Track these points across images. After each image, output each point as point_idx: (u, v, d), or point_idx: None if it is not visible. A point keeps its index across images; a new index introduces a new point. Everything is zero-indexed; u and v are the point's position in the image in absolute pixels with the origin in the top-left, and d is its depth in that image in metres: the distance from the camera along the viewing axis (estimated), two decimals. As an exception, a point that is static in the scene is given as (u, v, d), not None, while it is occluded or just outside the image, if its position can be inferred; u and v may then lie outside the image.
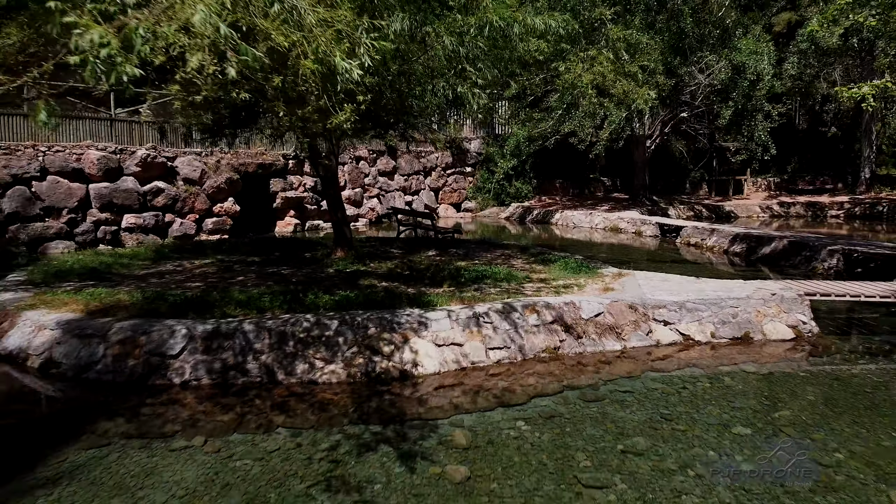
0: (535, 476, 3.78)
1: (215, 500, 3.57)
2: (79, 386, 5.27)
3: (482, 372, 5.59)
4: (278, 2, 2.90)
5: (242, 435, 4.41)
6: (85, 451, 4.18)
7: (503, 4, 5.67)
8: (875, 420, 4.73)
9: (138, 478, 3.83)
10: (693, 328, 6.45)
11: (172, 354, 5.24)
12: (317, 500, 3.53)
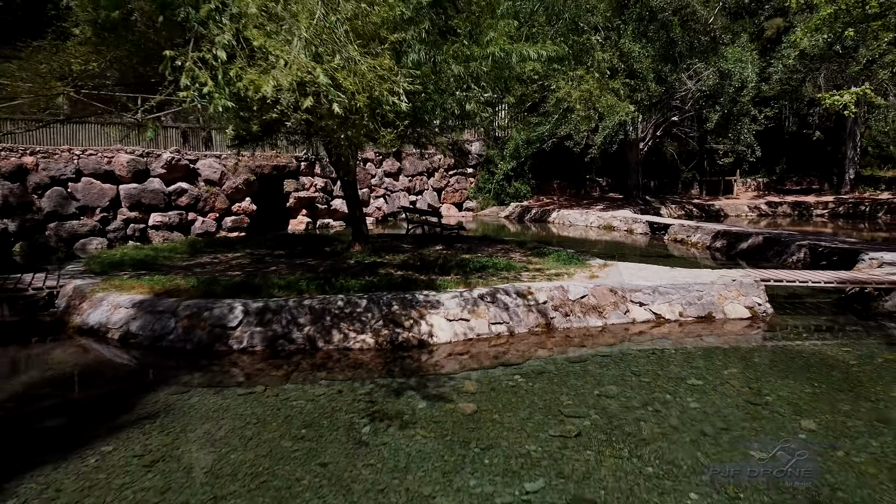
0: (527, 410, 4.92)
1: (281, 425, 4.71)
2: (154, 353, 6.41)
3: (485, 342, 6.74)
4: (339, 55, 4.03)
5: (294, 385, 5.56)
6: (172, 396, 5.31)
7: (504, 35, 6.83)
8: (804, 376, 5.87)
9: (218, 411, 4.97)
10: (664, 308, 7.60)
11: (232, 326, 6.38)
12: (359, 426, 4.67)
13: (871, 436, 4.56)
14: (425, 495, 3.66)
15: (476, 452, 4.20)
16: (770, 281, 8.01)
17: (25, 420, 5.02)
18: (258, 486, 3.81)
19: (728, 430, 4.62)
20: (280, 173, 18.79)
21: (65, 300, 7.51)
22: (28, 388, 5.64)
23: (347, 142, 6.06)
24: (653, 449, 4.28)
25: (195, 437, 4.52)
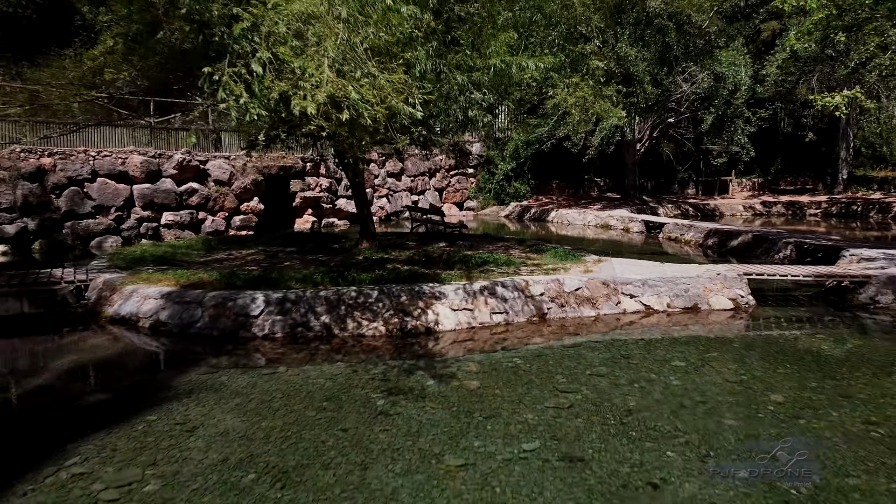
0: (525, 387, 5.49)
1: (304, 399, 5.27)
2: (183, 339, 6.97)
3: (487, 330, 7.30)
4: (361, 70, 4.59)
5: (313, 366, 6.12)
6: (203, 376, 5.87)
7: (504, 46, 7.39)
8: (778, 359, 6.43)
9: (246, 388, 5.53)
10: (653, 300, 8.16)
11: (254, 315, 6.95)
12: (374, 399, 5.22)
13: (832, 407, 5.12)
14: (435, 453, 4.23)
15: (479, 420, 4.76)
16: (752, 275, 8.58)
17: (75, 396, 5.59)
18: (288, 446, 4.37)
19: (705, 403, 5.19)
20: (286, 174, 19.35)
21: (95, 292, 8.07)
22: (72, 369, 6.21)
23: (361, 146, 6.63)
24: (636, 417, 4.84)
25: (228, 408, 5.08)
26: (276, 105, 4.76)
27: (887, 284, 8.36)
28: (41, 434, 4.76)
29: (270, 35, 4.95)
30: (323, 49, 4.75)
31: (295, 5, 4.92)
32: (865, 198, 26.21)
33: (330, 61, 4.55)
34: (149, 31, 7.19)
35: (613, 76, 20.12)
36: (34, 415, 5.21)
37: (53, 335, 7.33)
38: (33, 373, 6.17)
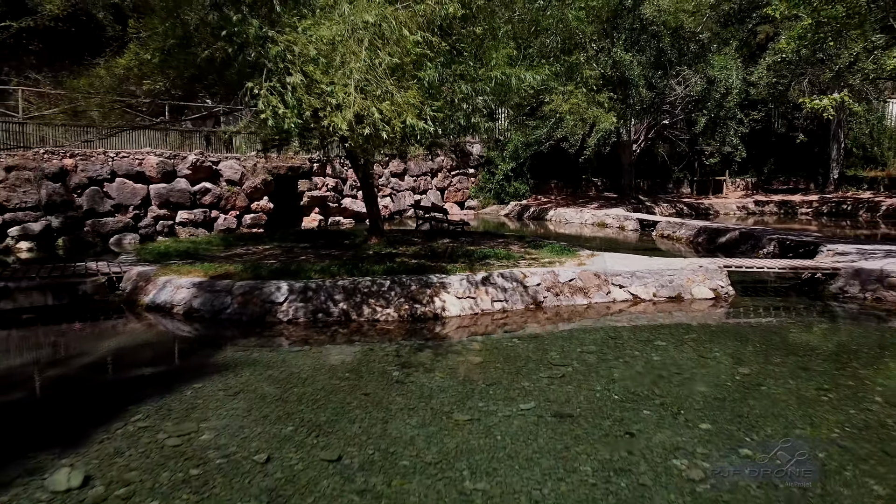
0: (522, 361, 6.25)
1: (328, 371, 6.02)
2: (215, 325, 7.73)
3: (488, 316, 8.05)
4: (381, 89, 5.34)
5: (334, 345, 6.88)
6: (237, 353, 6.62)
7: (504, 58, 8.14)
8: (749, 339, 7.19)
9: (276, 362, 6.28)
10: (640, 290, 8.91)
11: (279, 302, 7.70)
12: (390, 370, 5.97)
13: (790, 378, 5.88)
14: (445, 411, 4.98)
15: (482, 387, 5.52)
16: (731, 267, 9.34)
17: (127, 371, 6.35)
18: (319, 406, 5.13)
19: (680, 374, 5.94)
20: (294, 174, 20.10)
21: (130, 283, 8.82)
22: (121, 349, 6.97)
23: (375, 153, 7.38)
24: (619, 385, 5.60)
25: (263, 378, 5.84)
26: (309, 118, 5.51)
27: (855, 276, 9.12)
28: (105, 400, 5.52)
29: (301, 55, 5.70)
30: (348, 70, 5.50)
31: (322, 30, 5.67)
32: (855, 197, 26.97)
33: (355, 82, 5.31)
34: (181, 45, 7.95)
35: (610, 80, 20.93)
36: (96, 385, 5.97)
37: (97, 321, 8.09)
38: (88, 352, 6.93)
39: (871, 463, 4.17)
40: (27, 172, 14.68)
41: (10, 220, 14.40)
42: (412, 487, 3.79)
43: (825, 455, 4.27)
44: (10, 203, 14.38)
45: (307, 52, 5.63)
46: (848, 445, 4.42)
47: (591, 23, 10.38)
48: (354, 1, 5.80)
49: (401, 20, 5.87)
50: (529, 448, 4.32)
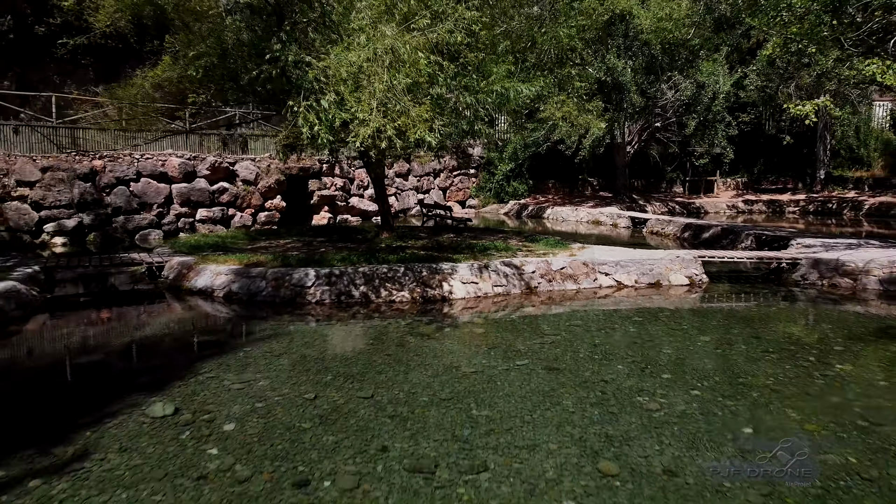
0: (518, 331, 7.40)
1: (355, 339, 7.17)
2: (252, 305, 8.87)
3: (490, 299, 9.20)
4: (399, 105, 6.49)
5: (356, 321, 8.02)
6: (276, 326, 7.76)
7: (503, 72, 9.28)
8: (714, 316, 8.34)
9: (310, 333, 7.42)
10: (623, 277, 10.06)
11: (308, 286, 8.85)
12: (407, 338, 7.11)
13: (743, 343, 7.03)
14: (454, 366, 6.13)
15: (485, 349, 6.68)
16: (705, 257, 10.49)
17: (186, 338, 7.50)
18: (350, 362, 6.27)
19: (651, 342, 7.09)
20: (305, 174, 21.25)
21: (173, 271, 9.96)
22: (176, 323, 8.12)
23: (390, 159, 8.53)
24: (599, 349, 6.75)
25: (300, 344, 6.98)
26: (337, 130, 6.65)
27: (814, 265, 10.26)
28: (175, 359, 6.67)
29: (334, 77, 6.85)
30: (372, 89, 6.65)
31: (351, 56, 6.82)
32: (840, 196, 28.13)
33: (377, 102, 6.45)
34: (220, 60, 9.10)
35: (604, 85, 22.10)
36: (165, 349, 7.11)
37: (149, 303, 9.24)
38: (151, 326, 8.08)
39: (792, 399, 5.31)
40: (61, 173, 15.82)
41: (45, 217, 15.55)
42: (431, 413, 4.94)
43: (757, 395, 5.41)
44: (45, 201, 15.52)
45: (339, 74, 6.77)
46: (778, 389, 5.57)
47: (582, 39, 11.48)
48: (378, 29, 6.94)
49: (416, 45, 7.01)
50: (523, 390, 5.47)
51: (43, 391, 5.78)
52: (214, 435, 4.58)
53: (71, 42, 10.05)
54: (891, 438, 4.51)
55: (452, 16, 7.43)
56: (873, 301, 9.30)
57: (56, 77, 21.14)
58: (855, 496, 3.71)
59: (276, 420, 4.86)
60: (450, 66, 7.45)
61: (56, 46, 16.43)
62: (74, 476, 3.96)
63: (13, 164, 15.30)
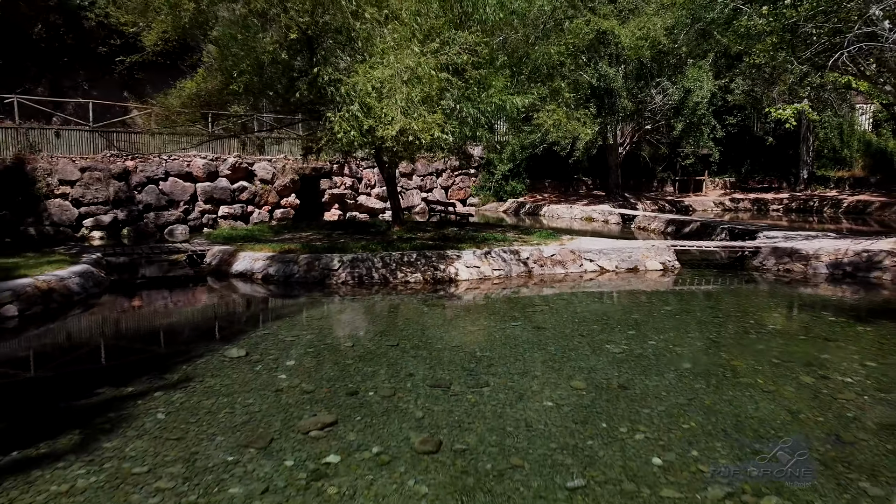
0: (514, 304, 8.93)
1: (378, 309, 8.68)
2: (286, 286, 10.37)
3: (489, 280, 10.72)
4: (417, 112, 8.00)
5: (378, 297, 9.53)
6: (310, 300, 9.27)
7: (501, 85, 10.79)
8: (681, 294, 9.86)
9: (341, 305, 8.94)
10: (606, 263, 11.58)
11: (335, 269, 10.36)
12: (421, 308, 8.62)
13: (699, 311, 8.54)
14: (460, 326, 7.65)
15: (485, 315, 8.20)
16: (677, 246, 12.01)
17: (240, 308, 9.02)
18: (377, 322, 7.79)
19: (622, 310, 8.62)
20: (317, 174, 22.76)
21: (216, 258, 11.47)
22: (224, 298, 9.63)
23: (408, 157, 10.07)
24: (579, 315, 8.27)
25: (335, 311, 8.50)
26: (365, 133, 8.17)
27: (772, 253, 11.78)
28: (236, 322, 8.18)
29: (362, 91, 8.37)
30: (395, 100, 8.17)
31: (376, 73, 8.33)
32: (821, 195, 29.66)
33: (400, 108, 7.97)
34: (258, 74, 10.62)
35: (596, 90, 23.62)
36: (227, 315, 8.63)
37: (198, 284, 10.76)
38: (205, 300, 9.60)
39: (727, 347, 6.82)
40: (98, 172, 17.31)
41: (84, 213, 17.04)
42: (444, 354, 6.45)
43: (701, 344, 6.93)
44: (84, 198, 17.02)
45: (366, 88, 8.29)
46: (718, 340, 7.08)
47: (570, 55, 12.95)
48: (399, 51, 8.47)
49: (429, 65, 8.53)
50: (516, 341, 6.99)
51: (141, 343, 7.32)
52: (280, 367, 6.10)
53: (128, 59, 11.54)
54: (792, 369, 6.02)
55: (458, 40, 8.94)
56: (820, 282, 10.83)
57: (85, 83, 22.66)
58: (758, 400, 5.22)
59: (325, 359, 6.38)
60: (457, 81, 8.95)
61: (85, 55, 18.04)
62: (184, 390, 5.46)
63: (55, 165, 16.79)
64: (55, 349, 7.24)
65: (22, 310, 7.83)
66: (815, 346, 6.89)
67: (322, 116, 9.00)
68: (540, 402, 5.12)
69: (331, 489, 3.69)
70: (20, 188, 15.87)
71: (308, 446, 4.28)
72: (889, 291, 10.04)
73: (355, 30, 9.06)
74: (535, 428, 4.57)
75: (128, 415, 4.88)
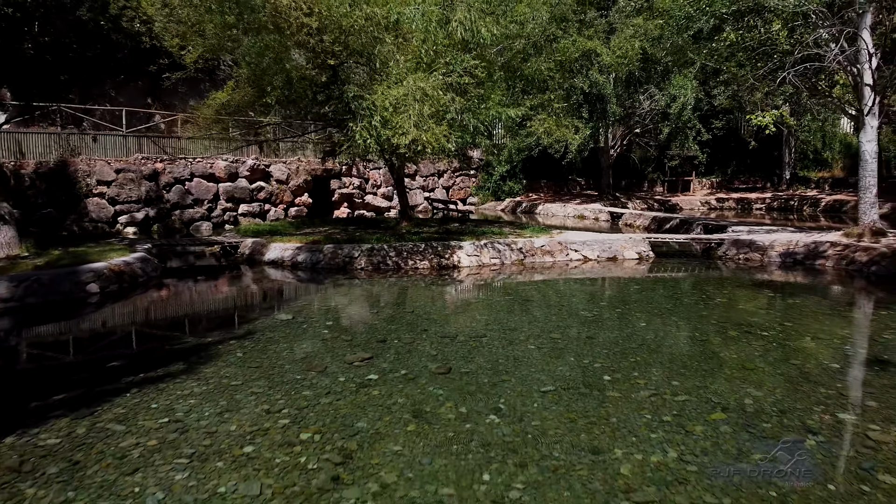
0: (508, 283, 10.64)
1: (395, 288, 10.39)
2: (313, 272, 12.06)
3: (487, 267, 12.42)
4: (427, 125, 9.70)
5: (394, 279, 11.23)
6: (335, 282, 10.97)
7: (498, 99, 12.50)
8: (652, 278, 11.56)
9: (361, 286, 10.64)
10: (589, 253, 13.28)
11: (355, 257, 12.05)
12: (430, 286, 10.32)
13: (662, 290, 10.25)
14: (462, 298, 9.35)
15: (483, 292, 9.91)
16: (651, 239, 13.72)
17: (275, 287, 10.72)
18: (394, 297, 9.49)
19: (599, 288, 10.32)
20: (328, 174, 24.46)
21: (249, 248, 13.16)
22: (262, 281, 11.34)
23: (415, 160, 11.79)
24: (563, 293, 9.97)
25: (358, 290, 10.20)
26: (382, 141, 9.89)
27: (734, 244, 13.49)
28: (279, 297, 9.88)
29: (381, 106, 10.08)
30: (408, 114, 9.88)
31: (393, 92, 10.04)
32: (802, 194, 31.37)
33: (413, 122, 9.67)
34: (287, 88, 12.32)
35: (589, 96, 25.34)
36: (267, 291, 10.32)
37: (235, 270, 12.45)
38: (247, 282, 11.29)
39: (677, 313, 8.51)
40: (130, 174, 19.00)
41: (119, 211, 18.73)
42: (450, 318, 8.15)
43: (657, 311, 8.62)
44: (119, 197, 18.70)
45: (384, 104, 10.00)
46: (671, 309, 8.78)
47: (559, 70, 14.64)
48: (411, 75, 10.17)
49: (436, 86, 10.24)
50: (508, 309, 8.69)
51: (205, 310, 9.03)
52: (322, 326, 7.79)
53: (172, 76, 13.26)
54: (725, 328, 7.71)
55: (461, 64, 10.65)
56: (773, 269, 12.54)
57: (112, 90, 24.36)
58: (691, 345, 6.92)
59: (358, 320, 8.09)
60: (459, 99, 10.66)
61: (110, 64, 19.86)
62: (251, 339, 7.14)
63: (94, 167, 18.48)
64: (140, 314, 8.98)
65: (102, 287, 9.53)
66: (749, 313, 8.60)
67: (345, 126, 10.70)
68: (525, 346, 6.82)
69: (374, 392, 5.38)
70: (63, 188, 17.55)
71: (353, 370, 5.97)
72: (828, 276, 11.75)
73: (374, 53, 10.76)
74: (521, 360, 6.27)
75: (214, 353, 6.58)
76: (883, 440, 4.34)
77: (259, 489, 3.70)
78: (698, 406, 5.00)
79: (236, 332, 7.53)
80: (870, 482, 3.76)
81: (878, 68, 12.48)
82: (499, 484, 3.73)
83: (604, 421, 4.69)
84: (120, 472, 3.94)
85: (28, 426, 4.66)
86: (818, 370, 5.99)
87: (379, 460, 4.05)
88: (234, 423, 4.67)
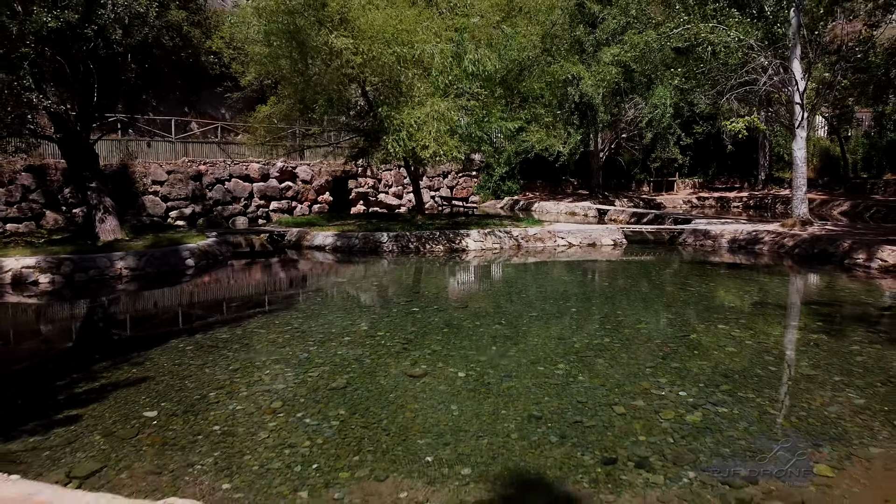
0: (506, 262, 13.59)
1: (416, 265, 13.33)
2: (349, 254, 14.97)
3: (490, 250, 15.34)
4: (442, 138, 12.57)
5: (414, 259, 14.16)
6: (369, 261, 13.89)
7: (498, 112, 15.44)
8: (624, 260, 14.51)
9: (392, 262, 13.57)
10: (572, 240, 16.21)
11: (383, 242, 14.98)
12: (443, 264, 13.25)
13: (633, 269, 13.18)
14: (470, 271, 12.29)
15: (485, 267, 12.85)
16: (624, 229, 16.66)
17: (323, 265, 13.67)
18: (416, 270, 12.42)
19: (581, 269, 13.26)
20: (346, 175, 27.38)
21: (294, 236, 16.08)
22: (312, 260, 14.29)
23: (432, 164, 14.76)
24: (551, 270, 12.91)
25: (389, 265, 13.11)
26: (408, 151, 12.83)
27: (692, 233, 16.43)
28: (327, 271, 12.82)
29: (407, 124, 13.01)
30: (428, 130, 12.80)
31: (417, 111, 12.97)
32: (775, 193, 34.31)
33: (433, 137, 12.58)
34: (328, 105, 15.26)
35: (580, 105, 28.28)
36: (318, 266, 13.24)
37: (283, 254, 15.38)
38: (300, 261, 14.22)
39: (637, 282, 11.44)
40: (179, 175, 21.90)
41: (170, 207, 21.62)
42: (459, 286, 11.09)
43: (621, 282, 11.54)
44: (170, 195, 21.59)
45: (410, 121, 12.93)
46: (634, 280, 11.70)
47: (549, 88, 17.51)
48: (430, 99, 13.09)
49: (450, 108, 13.17)
50: (507, 277, 11.63)
51: (281, 277, 11.96)
52: (370, 286, 10.73)
53: (233, 96, 16.16)
54: (666, 288, 10.65)
55: (470, 90, 13.58)
56: (722, 252, 15.48)
57: (153, 100, 27.24)
58: (643, 304, 9.84)
59: (396, 282, 11.03)
60: (468, 117, 13.59)
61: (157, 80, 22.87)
62: (321, 293, 10.07)
63: (149, 169, 21.38)
64: (234, 279, 11.91)
65: (195, 263, 12.44)
66: (685, 277, 11.54)
67: (379, 137, 13.67)
68: (519, 294, 9.76)
69: (418, 316, 8.28)
70: (125, 187, 20.45)
71: (401, 306, 8.89)
72: (764, 257, 14.69)
73: (401, 80, 13.71)
74: (515, 302, 9.22)
75: (300, 299, 9.51)
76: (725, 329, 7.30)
77: (361, 351, 6.64)
78: (628, 320, 7.96)
79: (309, 288, 10.48)
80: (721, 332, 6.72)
81: (804, 91, 15.42)
82: (502, 351, 6.67)
83: (568, 328, 7.64)
84: (276, 346, 6.88)
85: (205, 331, 7.61)
86: (716, 305, 8.95)
87: (429, 340, 6.99)
88: (334, 328, 7.61)
